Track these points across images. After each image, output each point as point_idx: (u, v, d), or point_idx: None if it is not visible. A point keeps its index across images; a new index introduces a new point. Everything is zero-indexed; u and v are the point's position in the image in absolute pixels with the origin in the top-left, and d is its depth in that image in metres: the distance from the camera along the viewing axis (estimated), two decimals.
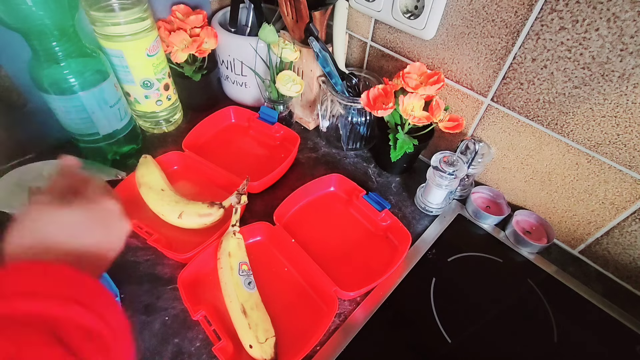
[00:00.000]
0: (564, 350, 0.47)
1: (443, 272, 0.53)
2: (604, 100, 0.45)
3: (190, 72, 0.68)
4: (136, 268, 0.50)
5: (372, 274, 0.50)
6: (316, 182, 0.60)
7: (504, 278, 0.54)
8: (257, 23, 0.70)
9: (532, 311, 0.50)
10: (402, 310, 0.49)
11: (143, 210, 0.54)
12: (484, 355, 0.46)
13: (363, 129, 0.67)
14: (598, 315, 0.51)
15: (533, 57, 0.48)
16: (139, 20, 0.54)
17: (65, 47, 0.49)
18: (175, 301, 0.47)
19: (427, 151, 0.69)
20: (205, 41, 0.64)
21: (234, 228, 0.49)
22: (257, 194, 0.60)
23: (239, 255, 0.48)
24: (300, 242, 0.51)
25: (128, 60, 0.57)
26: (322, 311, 0.47)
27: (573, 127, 0.49)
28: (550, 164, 0.54)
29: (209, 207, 0.52)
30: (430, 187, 0.58)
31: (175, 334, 0.44)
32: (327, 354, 0.44)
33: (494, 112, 0.56)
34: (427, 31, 0.56)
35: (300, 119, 0.75)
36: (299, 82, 0.65)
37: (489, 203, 0.62)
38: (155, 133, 0.69)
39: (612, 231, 0.52)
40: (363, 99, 0.58)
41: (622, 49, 0.41)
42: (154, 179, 0.55)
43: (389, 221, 0.55)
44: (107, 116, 0.56)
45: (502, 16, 0.48)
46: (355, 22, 0.66)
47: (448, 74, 0.59)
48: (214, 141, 0.68)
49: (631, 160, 0.47)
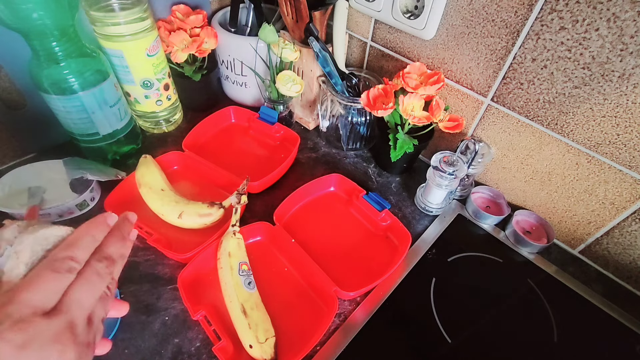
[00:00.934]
0: (564, 350, 0.47)
1: (443, 272, 0.53)
2: (604, 100, 0.45)
3: (190, 72, 0.68)
4: (136, 268, 0.50)
5: (372, 274, 0.50)
6: (316, 182, 0.60)
7: (504, 278, 0.54)
8: (257, 23, 0.70)
9: (532, 311, 0.50)
10: (402, 310, 0.49)
11: (143, 210, 0.54)
12: (484, 355, 0.46)
13: (363, 129, 0.67)
14: (598, 315, 0.51)
15: (533, 57, 0.48)
16: (139, 20, 0.54)
17: (65, 47, 0.49)
18: (175, 301, 0.47)
19: (427, 151, 0.69)
20: (205, 41, 0.65)
21: (234, 228, 0.49)
22: (257, 194, 0.60)
23: (239, 255, 0.48)
24: (300, 242, 0.51)
25: (128, 60, 0.57)
26: (322, 311, 0.47)
27: (573, 127, 0.49)
28: (550, 164, 0.54)
29: (209, 207, 0.52)
30: (430, 187, 0.58)
31: (175, 334, 0.44)
32: (327, 354, 0.44)
33: (494, 112, 0.56)
34: (427, 31, 0.56)
35: (300, 119, 0.75)
36: (299, 82, 0.65)
37: (489, 203, 0.62)
38: (155, 133, 0.69)
39: (612, 231, 0.52)
40: (363, 99, 0.58)
41: (622, 49, 0.41)
42: (154, 179, 0.55)
43: (389, 221, 0.55)
44: (107, 116, 0.56)
45: (502, 16, 0.48)
46: (355, 22, 0.66)
47: (448, 74, 0.59)
48: (214, 141, 0.68)
49: (631, 160, 0.47)
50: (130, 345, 0.43)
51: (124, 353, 0.42)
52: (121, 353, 0.42)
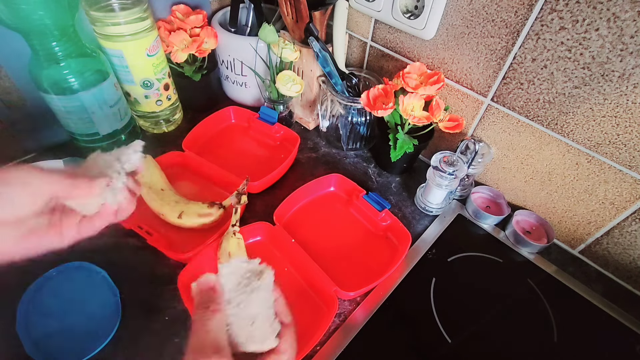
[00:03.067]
0: (564, 350, 0.47)
1: (443, 272, 0.53)
2: (604, 100, 0.45)
3: (190, 72, 0.68)
4: (136, 268, 0.50)
5: (372, 274, 0.50)
6: (316, 182, 0.60)
7: (504, 278, 0.54)
8: (257, 23, 0.70)
9: (532, 311, 0.50)
10: (402, 310, 0.49)
11: (143, 210, 0.54)
12: (484, 355, 0.46)
13: (363, 129, 0.67)
14: (598, 315, 0.51)
15: (533, 57, 0.48)
16: (139, 20, 0.54)
17: (65, 47, 0.49)
18: (175, 301, 0.47)
19: (427, 151, 0.69)
20: (205, 41, 0.64)
21: (234, 228, 0.49)
22: (257, 194, 0.60)
23: (239, 255, 0.48)
24: (300, 242, 0.51)
25: (128, 60, 0.57)
26: (322, 311, 0.47)
27: (573, 127, 0.49)
28: (550, 164, 0.54)
29: (209, 207, 0.52)
30: (430, 187, 0.58)
31: (175, 334, 0.44)
32: (327, 354, 0.44)
33: (494, 112, 0.56)
34: (427, 31, 0.56)
35: (300, 119, 0.75)
36: (299, 82, 0.65)
37: (489, 203, 0.62)
38: (155, 133, 0.69)
39: (612, 231, 0.52)
40: (363, 99, 0.58)
41: (622, 49, 0.41)
42: (154, 179, 0.55)
43: (389, 221, 0.55)
44: (107, 116, 0.56)
45: (502, 16, 0.48)
46: (355, 22, 0.66)
47: (448, 74, 0.59)
48: (214, 141, 0.68)
49: (631, 160, 0.47)
50: (130, 345, 0.43)
51: (124, 353, 0.42)
52: (121, 353, 0.42)
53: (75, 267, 0.48)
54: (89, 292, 0.47)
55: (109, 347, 0.43)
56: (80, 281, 0.48)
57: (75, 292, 0.47)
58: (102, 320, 0.44)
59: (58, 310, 0.45)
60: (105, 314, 0.45)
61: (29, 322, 0.43)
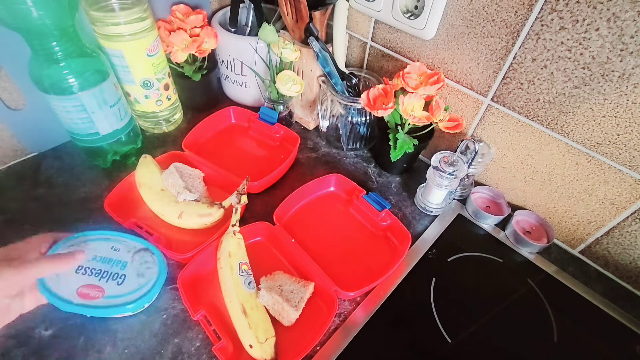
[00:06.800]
0: (564, 350, 0.47)
1: (443, 272, 0.53)
2: (604, 100, 0.45)
3: (190, 72, 0.68)
4: None
5: (372, 274, 0.50)
6: (316, 182, 0.60)
7: (504, 278, 0.54)
8: (257, 23, 0.70)
9: (532, 311, 0.50)
10: (402, 310, 0.49)
11: (143, 210, 0.55)
12: (484, 355, 0.46)
13: (363, 129, 0.67)
14: (598, 315, 0.51)
15: (533, 57, 0.48)
16: (139, 20, 0.54)
17: (65, 47, 0.49)
18: (175, 301, 0.47)
19: (427, 151, 0.69)
20: (205, 41, 0.64)
21: (234, 228, 0.49)
22: (257, 194, 0.60)
23: (239, 255, 0.48)
24: (300, 242, 0.51)
25: (128, 60, 0.57)
26: (322, 311, 0.47)
27: (573, 127, 0.49)
28: (550, 164, 0.54)
29: (209, 207, 0.52)
30: (430, 187, 0.58)
31: (175, 334, 0.44)
32: (327, 354, 0.44)
33: (494, 112, 0.56)
34: (427, 31, 0.56)
35: (300, 119, 0.75)
36: (299, 82, 0.65)
37: (489, 203, 0.62)
38: (155, 133, 0.69)
39: (612, 231, 0.52)
40: (363, 99, 0.58)
41: (622, 49, 0.41)
42: (154, 179, 0.55)
43: (389, 221, 0.55)
44: (107, 116, 0.56)
45: (502, 16, 0.48)
46: (355, 22, 0.66)
47: (448, 74, 0.59)
48: (214, 141, 0.68)
49: (631, 160, 0.47)
50: (130, 345, 0.43)
51: (124, 353, 0.42)
52: (121, 353, 0.42)
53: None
54: None
55: (109, 347, 0.43)
56: None
57: None
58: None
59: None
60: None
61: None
